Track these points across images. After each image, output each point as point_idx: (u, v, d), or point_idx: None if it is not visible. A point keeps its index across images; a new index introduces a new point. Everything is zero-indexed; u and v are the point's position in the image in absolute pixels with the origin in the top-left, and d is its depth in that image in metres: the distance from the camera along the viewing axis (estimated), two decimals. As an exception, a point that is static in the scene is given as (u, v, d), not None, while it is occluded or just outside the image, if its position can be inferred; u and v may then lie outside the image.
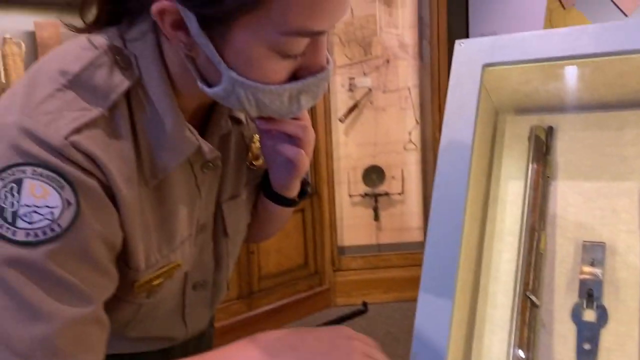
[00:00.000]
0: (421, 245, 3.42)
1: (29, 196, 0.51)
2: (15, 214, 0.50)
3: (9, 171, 0.51)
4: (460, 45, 0.77)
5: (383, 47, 3.19)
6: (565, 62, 0.72)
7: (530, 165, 0.79)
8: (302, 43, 0.55)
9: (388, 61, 3.21)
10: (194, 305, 0.75)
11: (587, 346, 0.71)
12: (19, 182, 0.51)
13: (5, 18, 2.31)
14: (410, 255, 3.21)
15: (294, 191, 0.77)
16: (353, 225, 3.27)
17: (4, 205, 0.50)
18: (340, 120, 3.14)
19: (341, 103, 3.17)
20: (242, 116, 0.74)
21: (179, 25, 0.54)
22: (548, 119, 0.83)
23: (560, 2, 4.88)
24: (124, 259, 0.59)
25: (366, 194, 3.22)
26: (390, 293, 3.20)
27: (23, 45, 2.32)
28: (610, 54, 0.69)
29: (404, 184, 3.26)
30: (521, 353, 0.71)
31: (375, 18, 3.16)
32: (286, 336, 0.59)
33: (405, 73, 3.24)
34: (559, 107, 0.82)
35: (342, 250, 3.25)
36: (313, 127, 0.71)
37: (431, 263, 0.71)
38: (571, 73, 0.76)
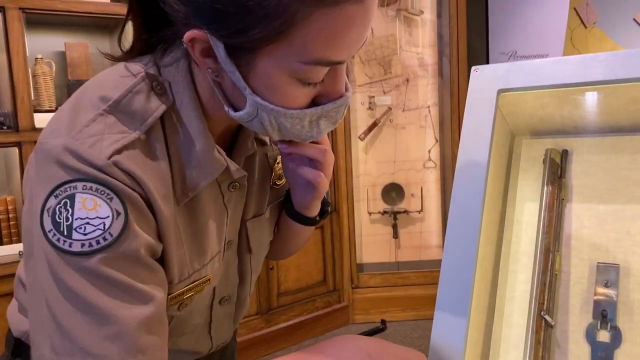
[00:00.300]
0: (440, 263, 3.40)
1: (81, 209, 0.55)
2: (70, 227, 0.54)
3: (61, 188, 0.55)
4: (476, 72, 0.80)
5: (403, 66, 3.23)
6: (579, 88, 0.74)
7: (545, 188, 0.81)
8: (322, 72, 0.58)
9: (408, 80, 3.24)
10: (219, 319, 0.78)
11: (601, 367, 0.72)
12: (71, 198, 0.55)
13: (37, 39, 2.40)
14: (429, 273, 3.21)
15: (314, 211, 0.80)
16: (372, 242, 3.28)
17: (59, 220, 0.54)
18: (360, 138, 3.17)
19: (361, 121, 3.21)
20: (266, 138, 0.77)
21: (208, 52, 0.58)
22: (563, 142, 0.85)
23: (582, 21, 4.88)
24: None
25: (385, 212, 3.24)
26: (409, 311, 3.19)
27: (54, 65, 2.40)
28: (621, 81, 0.71)
29: (424, 201, 3.26)
30: (536, 372, 0.72)
31: (395, 37, 3.20)
32: (359, 344, 0.61)
33: (425, 91, 3.26)
34: (573, 131, 0.84)
35: (360, 267, 3.26)
36: (333, 145, 0.74)
37: (447, 283, 0.73)
38: (585, 98, 0.78)
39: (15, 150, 2.18)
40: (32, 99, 2.20)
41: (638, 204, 0.77)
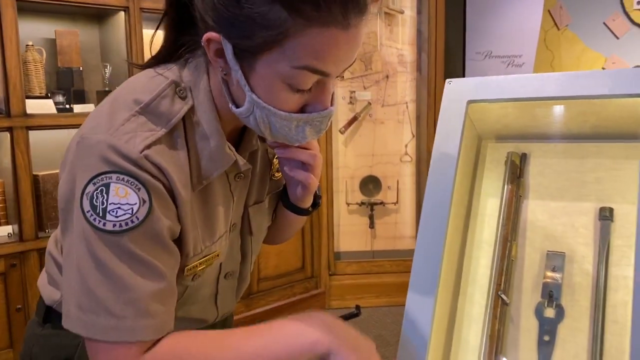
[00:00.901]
0: (413, 253, 3.55)
1: (114, 196, 0.66)
2: (104, 210, 0.65)
3: (99, 177, 0.66)
4: (450, 84, 0.92)
5: (383, 62, 3.34)
6: (536, 102, 0.87)
7: (505, 186, 0.94)
8: (309, 79, 0.67)
9: (387, 76, 3.36)
10: (224, 291, 0.89)
11: (546, 338, 0.85)
12: (107, 186, 0.66)
13: (28, 26, 2.44)
14: (402, 262, 3.35)
15: (307, 203, 0.91)
16: (349, 232, 3.41)
17: (95, 203, 0.65)
18: (341, 132, 3.28)
19: (342, 115, 3.32)
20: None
21: (220, 53, 0.68)
22: (522, 147, 0.97)
23: (555, 23, 5.05)
24: (178, 247, 0.73)
25: (363, 203, 3.37)
26: (383, 298, 3.34)
27: (44, 52, 2.45)
28: (572, 97, 0.83)
29: (399, 194, 3.40)
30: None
31: (376, 35, 3.31)
32: (324, 317, 0.72)
33: (404, 88, 3.39)
34: (531, 137, 0.97)
35: (338, 255, 3.38)
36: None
37: (419, 266, 0.86)
38: (541, 110, 0.91)
39: (6, 134, 2.24)
40: (23, 84, 2.25)
41: (582, 202, 0.90)
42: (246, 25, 0.64)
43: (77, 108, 2.46)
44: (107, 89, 2.58)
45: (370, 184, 3.38)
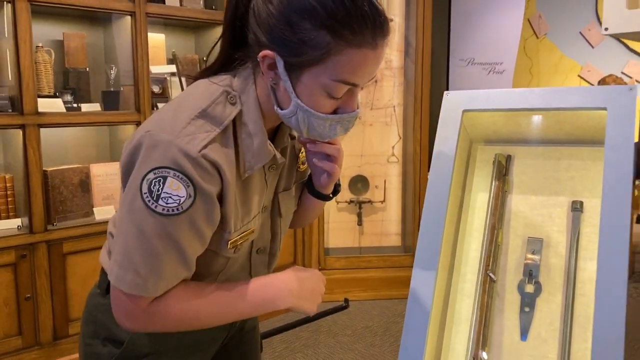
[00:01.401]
0: (399, 249, 3.74)
1: (168, 187, 0.81)
2: (158, 196, 0.81)
3: (160, 170, 0.80)
4: (447, 95, 1.08)
5: (372, 67, 3.51)
6: (520, 112, 1.04)
7: (493, 182, 1.11)
8: (343, 89, 0.84)
9: (376, 81, 3.53)
10: (257, 265, 1.05)
11: (527, 309, 1.02)
12: (164, 178, 0.80)
13: (37, 27, 2.55)
14: (388, 257, 3.53)
15: (329, 190, 1.08)
16: (338, 228, 3.57)
17: (152, 189, 0.80)
18: (331, 133, 3.43)
19: (332, 117, 3.48)
20: (295, 133, 1.04)
21: (272, 67, 0.84)
22: (508, 149, 1.14)
23: (534, 32, 5.29)
24: (222, 226, 0.89)
25: (351, 201, 3.53)
26: (369, 291, 3.50)
27: (53, 53, 2.56)
28: (550, 109, 1.00)
29: (386, 193, 3.57)
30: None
31: (366, 41, 3.48)
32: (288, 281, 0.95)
33: (391, 92, 3.56)
34: (515, 142, 1.14)
35: (327, 251, 3.54)
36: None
37: (422, 249, 1.02)
38: (524, 119, 1.08)
39: (19, 132, 2.34)
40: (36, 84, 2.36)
41: (557, 196, 1.08)
42: (297, 46, 0.80)
43: (85, 107, 2.58)
44: (111, 89, 2.70)
45: (359, 183, 3.54)
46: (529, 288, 1.03)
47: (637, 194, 3.48)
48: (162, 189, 0.80)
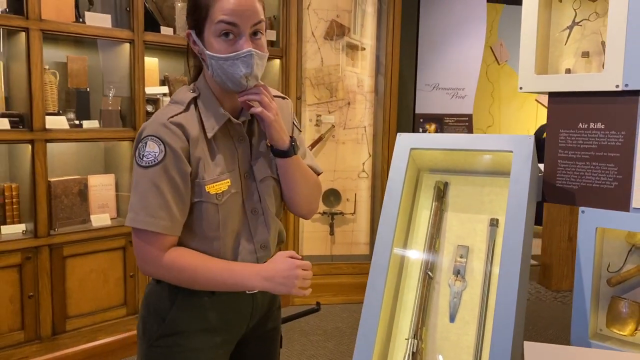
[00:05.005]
0: (367, 257, 4.07)
1: (148, 148, 1.14)
2: (143, 155, 1.14)
3: (145, 138, 1.14)
4: (400, 136, 1.42)
5: (345, 91, 3.86)
6: (454, 151, 1.38)
7: (433, 203, 1.44)
8: (230, 30, 1.12)
9: (349, 103, 3.87)
10: (254, 224, 1.28)
11: (455, 300, 1.36)
12: (146, 143, 1.14)
13: (44, 51, 2.80)
14: (358, 265, 3.85)
15: (281, 143, 1.24)
16: (312, 237, 3.88)
17: (140, 152, 1.14)
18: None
19: (309, 135, 3.81)
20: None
21: (194, 42, 1.19)
22: (445, 177, 1.48)
23: (496, 58, 5.72)
24: (196, 176, 1.16)
25: (325, 212, 3.85)
26: (340, 296, 3.82)
27: (57, 74, 2.83)
28: (474, 150, 1.35)
29: (356, 206, 3.91)
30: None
31: (339, 67, 3.83)
32: (264, 271, 1.20)
33: (363, 114, 3.91)
34: (451, 171, 1.48)
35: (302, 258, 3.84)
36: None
37: (377, 255, 1.34)
38: (458, 155, 1.42)
39: (27, 146, 2.60)
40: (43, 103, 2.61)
41: (480, 214, 1.42)
42: (193, 13, 1.16)
43: (85, 124, 2.85)
44: (110, 108, 2.97)
45: (332, 196, 3.87)
46: (457, 284, 1.37)
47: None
48: (145, 149, 1.14)
